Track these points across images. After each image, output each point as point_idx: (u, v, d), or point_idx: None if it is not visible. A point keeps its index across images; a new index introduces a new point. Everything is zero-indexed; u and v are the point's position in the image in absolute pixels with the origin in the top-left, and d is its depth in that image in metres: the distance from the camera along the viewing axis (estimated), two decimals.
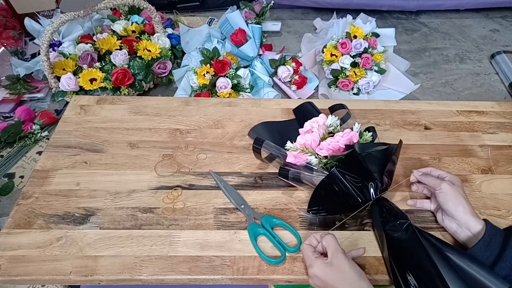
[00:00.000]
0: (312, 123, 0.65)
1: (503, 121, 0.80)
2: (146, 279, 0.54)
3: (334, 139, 0.60)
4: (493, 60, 1.70)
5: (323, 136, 0.63)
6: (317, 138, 0.62)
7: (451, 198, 0.56)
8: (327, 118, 0.66)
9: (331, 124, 0.65)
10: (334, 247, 0.51)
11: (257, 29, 1.61)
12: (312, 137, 0.61)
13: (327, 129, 0.65)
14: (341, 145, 0.60)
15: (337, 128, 0.65)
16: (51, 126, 1.36)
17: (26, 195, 0.63)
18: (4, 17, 1.75)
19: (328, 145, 0.60)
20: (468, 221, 0.54)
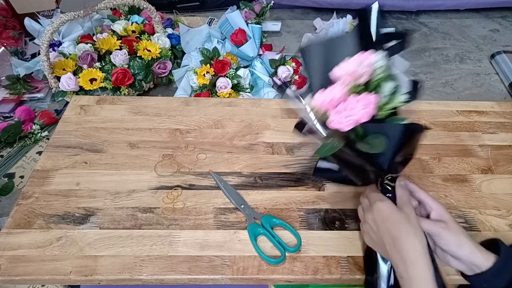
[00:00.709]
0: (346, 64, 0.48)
1: (503, 121, 0.80)
2: (146, 279, 0.54)
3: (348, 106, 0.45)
4: (493, 60, 1.70)
5: (354, 89, 0.47)
6: (339, 95, 0.46)
7: (452, 243, 0.49)
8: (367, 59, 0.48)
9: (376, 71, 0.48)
10: (406, 199, 0.49)
11: (257, 29, 1.61)
12: (336, 91, 0.46)
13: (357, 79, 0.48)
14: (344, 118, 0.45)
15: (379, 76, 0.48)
16: (51, 126, 1.36)
17: (26, 195, 0.63)
18: (4, 17, 1.76)
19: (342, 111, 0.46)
20: (475, 261, 0.48)
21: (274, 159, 0.71)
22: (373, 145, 0.45)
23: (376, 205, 0.50)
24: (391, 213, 0.48)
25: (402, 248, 0.45)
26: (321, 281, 0.55)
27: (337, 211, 0.62)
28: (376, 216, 0.49)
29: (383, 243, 0.48)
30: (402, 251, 0.45)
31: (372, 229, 0.50)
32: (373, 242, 0.51)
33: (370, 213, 0.51)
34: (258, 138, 0.75)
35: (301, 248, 0.57)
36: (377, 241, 0.50)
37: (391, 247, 0.47)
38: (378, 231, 0.49)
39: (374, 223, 0.50)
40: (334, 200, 0.64)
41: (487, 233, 0.59)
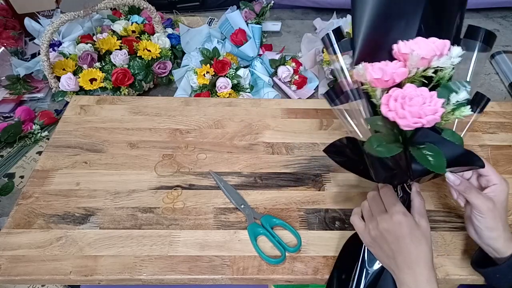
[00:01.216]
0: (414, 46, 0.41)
1: (503, 121, 0.80)
2: (146, 279, 0.54)
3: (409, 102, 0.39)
4: (493, 60, 1.69)
5: (414, 76, 0.43)
6: (399, 78, 0.41)
7: (487, 223, 0.48)
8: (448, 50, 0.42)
9: (441, 66, 0.42)
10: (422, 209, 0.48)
11: (257, 29, 1.61)
12: (394, 72, 0.41)
13: (427, 70, 0.42)
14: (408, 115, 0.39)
15: (447, 74, 0.43)
16: (51, 126, 1.36)
17: (26, 195, 0.63)
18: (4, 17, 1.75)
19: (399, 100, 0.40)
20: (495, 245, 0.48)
21: (274, 159, 0.71)
22: (430, 160, 0.40)
23: (396, 217, 0.47)
24: (412, 230, 0.46)
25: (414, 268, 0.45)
26: (321, 281, 0.55)
27: (337, 211, 0.62)
28: (396, 229, 0.46)
29: (393, 257, 0.47)
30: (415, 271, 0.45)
31: (385, 240, 0.47)
32: (379, 250, 0.49)
33: (387, 223, 0.47)
34: (258, 138, 0.75)
35: (301, 248, 0.57)
36: (386, 252, 0.48)
37: (402, 262, 0.46)
38: (391, 244, 0.47)
39: (389, 234, 0.47)
40: (334, 200, 0.64)
41: None
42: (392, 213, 0.48)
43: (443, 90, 0.43)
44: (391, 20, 0.46)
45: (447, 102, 0.42)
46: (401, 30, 0.45)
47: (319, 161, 0.70)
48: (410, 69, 0.42)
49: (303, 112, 0.80)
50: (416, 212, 0.49)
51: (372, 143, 0.41)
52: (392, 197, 0.50)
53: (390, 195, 0.50)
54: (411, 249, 0.45)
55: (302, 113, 0.80)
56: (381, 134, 0.43)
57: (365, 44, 0.46)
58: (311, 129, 0.77)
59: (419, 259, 0.45)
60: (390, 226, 0.47)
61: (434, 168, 0.40)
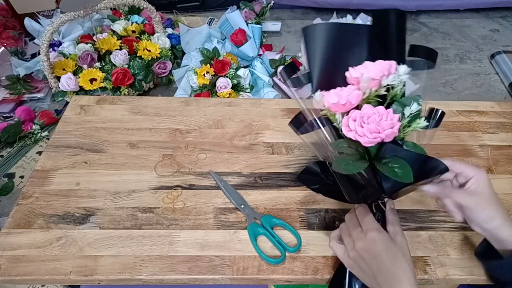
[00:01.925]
0: (363, 69, 0.45)
1: (503, 121, 0.80)
2: (146, 279, 0.54)
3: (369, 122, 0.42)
4: (493, 60, 1.70)
5: (369, 97, 0.46)
6: (354, 100, 0.44)
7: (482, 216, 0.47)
8: (394, 69, 0.46)
9: (391, 84, 0.45)
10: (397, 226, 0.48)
11: (257, 29, 1.61)
12: (348, 95, 0.44)
13: (379, 89, 0.46)
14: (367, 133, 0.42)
15: (398, 91, 0.46)
16: (51, 126, 1.36)
17: (26, 195, 0.63)
18: (4, 17, 1.76)
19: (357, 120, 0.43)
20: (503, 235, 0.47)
21: (274, 159, 0.71)
22: (397, 172, 0.42)
23: (370, 235, 0.47)
24: (387, 246, 0.46)
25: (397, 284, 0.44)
26: (321, 281, 0.55)
27: (337, 211, 0.62)
28: (371, 246, 0.47)
29: (373, 276, 0.46)
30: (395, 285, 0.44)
31: (362, 259, 0.47)
32: (360, 271, 0.48)
33: (362, 242, 0.48)
34: (258, 138, 0.75)
35: (301, 248, 0.57)
36: (366, 272, 0.47)
37: (383, 281, 0.45)
38: (369, 263, 0.47)
39: (366, 252, 0.47)
40: (334, 200, 0.64)
41: None
42: (366, 231, 0.48)
43: (397, 105, 0.45)
44: (341, 51, 0.50)
45: (402, 116, 0.45)
46: (351, 59, 0.48)
47: None
48: (363, 90, 0.45)
49: None
50: (390, 228, 0.49)
51: (340, 163, 0.44)
52: (366, 216, 0.50)
53: (365, 213, 0.50)
54: (389, 266, 0.45)
55: None
56: (347, 154, 0.45)
57: (320, 75, 0.49)
58: None
59: (398, 276, 0.44)
60: (365, 244, 0.47)
61: (402, 179, 0.41)
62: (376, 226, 0.48)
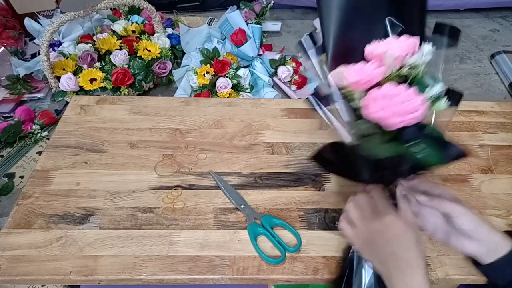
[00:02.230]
0: (388, 46, 0.42)
1: (503, 121, 0.80)
2: (146, 279, 0.54)
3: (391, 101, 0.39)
4: (493, 60, 1.70)
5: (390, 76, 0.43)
6: (377, 78, 0.41)
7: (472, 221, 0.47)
8: (418, 47, 0.43)
9: (414, 64, 0.42)
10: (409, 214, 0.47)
11: (257, 29, 1.61)
12: (371, 73, 0.41)
13: (402, 68, 0.43)
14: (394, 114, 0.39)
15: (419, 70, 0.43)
16: (51, 126, 1.36)
17: (26, 195, 0.63)
18: (4, 17, 1.76)
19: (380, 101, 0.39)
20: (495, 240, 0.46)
21: (274, 159, 0.71)
22: (432, 156, 0.41)
23: (388, 218, 0.46)
24: (404, 233, 0.45)
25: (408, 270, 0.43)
26: (321, 281, 0.55)
27: (337, 211, 0.62)
28: (386, 230, 0.46)
29: (384, 259, 0.45)
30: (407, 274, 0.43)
31: (375, 241, 0.47)
32: (371, 253, 0.48)
33: (378, 224, 0.47)
34: (258, 138, 0.75)
35: (301, 248, 0.57)
36: (377, 254, 0.47)
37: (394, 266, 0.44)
38: (382, 246, 0.46)
39: (380, 236, 0.46)
40: (334, 200, 0.64)
41: None
42: (384, 214, 0.47)
43: (418, 86, 0.42)
44: (357, 22, 0.46)
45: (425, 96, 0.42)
46: (368, 31, 0.46)
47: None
48: (386, 68, 0.42)
49: (303, 112, 0.80)
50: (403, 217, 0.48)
51: (369, 145, 0.41)
52: (383, 199, 0.49)
53: (381, 196, 0.50)
54: (402, 252, 0.44)
55: (302, 113, 0.80)
56: (373, 137, 0.43)
57: (336, 48, 0.46)
58: (311, 129, 0.77)
59: (411, 263, 0.44)
60: (381, 227, 0.46)
61: (435, 162, 0.40)
62: (393, 211, 0.47)
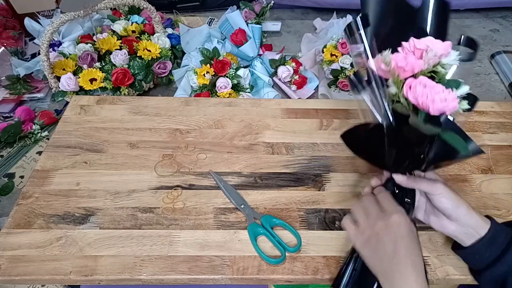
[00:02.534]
0: (429, 43, 0.47)
1: (503, 121, 0.80)
2: (146, 279, 0.54)
3: (432, 89, 0.43)
4: (493, 60, 1.69)
5: (425, 70, 0.47)
6: (417, 67, 0.45)
7: (451, 200, 0.49)
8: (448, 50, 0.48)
9: (446, 65, 0.47)
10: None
11: (257, 29, 1.61)
12: (414, 61, 0.45)
13: (437, 65, 0.47)
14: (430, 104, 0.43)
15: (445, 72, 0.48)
16: (51, 126, 1.36)
17: (26, 195, 0.63)
18: (4, 17, 1.75)
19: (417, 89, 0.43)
20: (472, 221, 0.49)
21: (274, 159, 0.71)
22: (462, 145, 0.44)
23: (395, 217, 0.46)
24: (410, 233, 0.46)
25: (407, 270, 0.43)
26: (321, 281, 0.55)
27: (337, 211, 0.62)
28: (393, 229, 0.46)
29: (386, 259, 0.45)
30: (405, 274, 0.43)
31: (378, 239, 0.46)
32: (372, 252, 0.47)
33: (384, 222, 0.47)
34: (258, 138, 0.75)
35: (301, 248, 0.57)
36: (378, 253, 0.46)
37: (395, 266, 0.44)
38: (386, 245, 0.45)
39: (386, 233, 0.46)
40: (334, 200, 0.64)
41: None
42: (390, 212, 0.47)
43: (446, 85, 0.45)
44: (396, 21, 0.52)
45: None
46: (402, 31, 0.50)
47: (319, 161, 0.70)
48: (425, 62, 0.46)
49: (303, 112, 0.80)
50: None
51: (420, 118, 0.43)
52: (390, 199, 0.50)
53: (387, 196, 0.51)
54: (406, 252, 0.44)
55: (302, 113, 0.80)
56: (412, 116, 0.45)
57: (383, 32, 0.51)
58: (311, 129, 0.77)
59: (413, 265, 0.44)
60: (387, 225, 0.46)
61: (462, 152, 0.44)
62: (401, 210, 0.48)
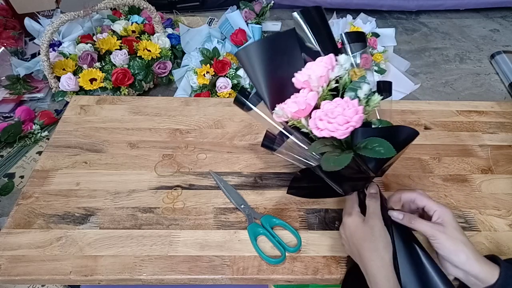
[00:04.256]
0: (309, 71, 0.47)
1: (503, 121, 0.80)
2: (146, 279, 0.54)
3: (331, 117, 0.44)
4: (493, 60, 1.70)
5: (323, 94, 0.47)
6: (312, 101, 0.46)
7: (446, 247, 0.47)
8: (335, 61, 0.48)
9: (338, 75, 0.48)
10: (373, 209, 0.50)
11: (257, 29, 1.61)
12: (306, 99, 0.46)
13: (330, 83, 0.47)
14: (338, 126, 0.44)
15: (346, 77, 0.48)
16: (51, 126, 1.36)
17: (26, 195, 0.63)
18: (4, 17, 1.76)
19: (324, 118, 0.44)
20: (475, 270, 0.45)
21: (274, 159, 0.70)
22: (378, 150, 0.44)
23: (344, 220, 0.53)
24: (356, 228, 0.50)
25: (365, 263, 0.47)
26: (321, 281, 0.55)
27: (337, 211, 0.62)
28: (345, 231, 0.52)
29: (355, 256, 0.51)
30: (365, 266, 0.47)
31: (346, 242, 0.53)
32: (351, 253, 0.53)
33: (342, 228, 0.54)
34: (258, 138, 0.75)
35: (301, 248, 0.57)
36: (351, 253, 0.52)
37: (359, 260, 0.49)
38: (349, 245, 0.52)
39: (345, 237, 0.52)
40: (334, 200, 0.64)
41: (487, 233, 0.59)
42: (343, 218, 0.53)
43: (351, 91, 0.48)
44: (279, 61, 0.51)
45: (359, 99, 0.47)
46: (291, 65, 0.50)
47: (319, 161, 0.70)
48: (316, 90, 0.47)
49: None
50: (366, 213, 0.51)
51: (328, 162, 0.45)
52: (348, 201, 0.54)
53: (348, 199, 0.54)
54: (358, 247, 0.49)
55: None
56: (329, 152, 0.46)
57: (270, 90, 0.51)
58: None
59: (366, 256, 0.47)
60: (344, 229, 0.53)
61: (386, 155, 0.43)
62: (348, 211, 0.52)
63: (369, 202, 0.52)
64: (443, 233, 0.47)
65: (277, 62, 0.51)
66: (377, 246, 0.47)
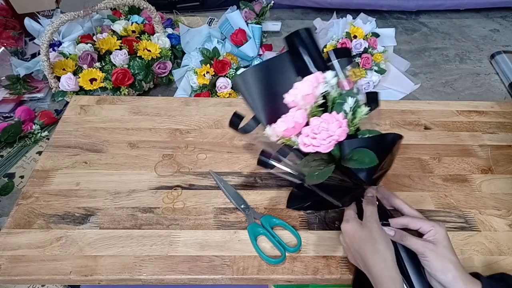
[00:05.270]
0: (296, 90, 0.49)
1: (503, 121, 0.80)
2: (146, 279, 0.54)
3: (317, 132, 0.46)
4: (493, 60, 1.70)
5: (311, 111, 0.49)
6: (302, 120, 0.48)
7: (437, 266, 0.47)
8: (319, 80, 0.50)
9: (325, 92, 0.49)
10: (370, 213, 0.50)
11: (257, 29, 1.61)
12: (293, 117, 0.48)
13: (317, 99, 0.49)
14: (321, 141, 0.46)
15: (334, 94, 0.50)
16: (51, 126, 1.36)
17: (26, 195, 0.63)
18: (4, 17, 1.76)
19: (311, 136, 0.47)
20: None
21: None
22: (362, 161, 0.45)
23: (342, 227, 0.53)
24: (354, 233, 0.50)
25: (368, 266, 0.47)
26: (321, 281, 0.55)
27: (337, 211, 0.62)
28: (345, 238, 0.52)
29: (358, 263, 0.50)
30: (369, 268, 0.47)
31: (348, 249, 0.53)
32: (354, 261, 0.52)
33: (342, 236, 0.54)
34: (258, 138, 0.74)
35: (301, 248, 0.57)
36: (355, 261, 0.52)
37: (363, 265, 0.49)
38: (351, 252, 0.52)
39: (346, 244, 0.53)
40: None
41: (487, 233, 0.59)
42: (341, 224, 0.53)
43: (338, 106, 0.50)
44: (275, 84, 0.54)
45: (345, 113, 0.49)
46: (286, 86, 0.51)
47: None
48: (304, 108, 0.49)
49: None
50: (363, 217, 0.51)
51: (311, 176, 0.46)
52: (346, 210, 0.54)
53: (346, 210, 0.54)
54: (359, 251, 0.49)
55: None
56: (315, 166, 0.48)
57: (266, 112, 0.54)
58: None
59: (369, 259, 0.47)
60: (344, 237, 0.53)
61: (369, 164, 0.45)
62: (345, 218, 0.52)
63: (366, 206, 0.52)
64: (433, 251, 0.47)
65: (272, 85, 0.54)
66: (377, 247, 0.47)
